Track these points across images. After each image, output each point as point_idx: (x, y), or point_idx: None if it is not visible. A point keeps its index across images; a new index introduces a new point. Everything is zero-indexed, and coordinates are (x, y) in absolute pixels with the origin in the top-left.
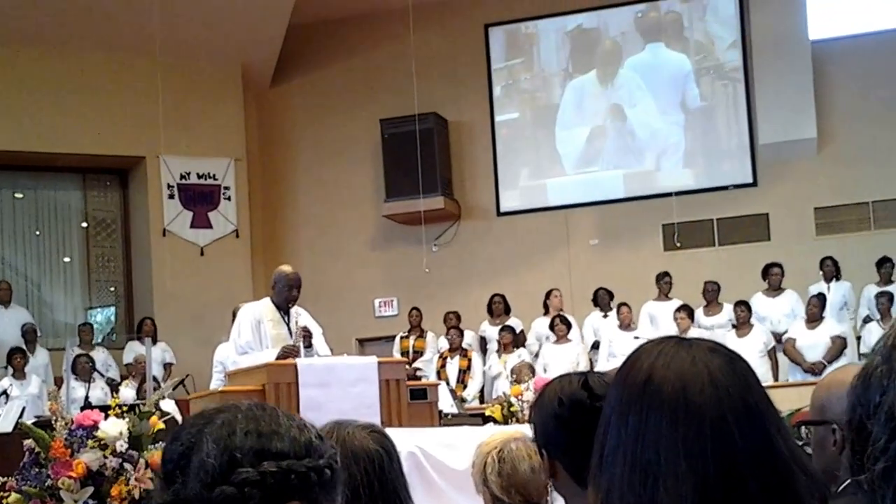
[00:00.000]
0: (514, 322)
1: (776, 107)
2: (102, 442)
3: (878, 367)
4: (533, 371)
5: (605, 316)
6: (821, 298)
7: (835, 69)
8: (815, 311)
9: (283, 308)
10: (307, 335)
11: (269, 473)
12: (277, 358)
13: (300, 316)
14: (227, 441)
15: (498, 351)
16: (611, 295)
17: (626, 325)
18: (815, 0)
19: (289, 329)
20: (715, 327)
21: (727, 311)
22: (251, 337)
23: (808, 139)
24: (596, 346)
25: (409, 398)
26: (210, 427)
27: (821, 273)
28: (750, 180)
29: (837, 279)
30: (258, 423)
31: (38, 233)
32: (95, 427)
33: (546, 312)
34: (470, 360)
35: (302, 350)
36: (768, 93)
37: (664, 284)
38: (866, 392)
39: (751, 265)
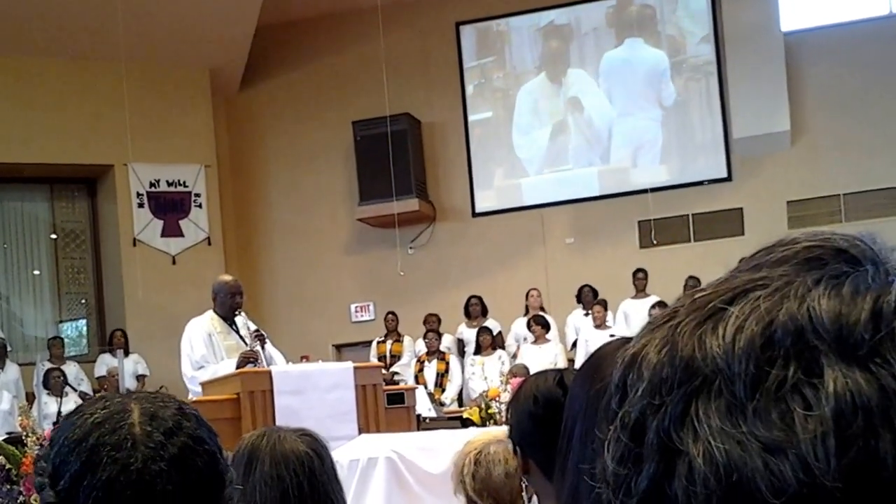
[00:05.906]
0: (491, 323)
1: (750, 100)
2: None
3: None
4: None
5: (587, 314)
6: None
7: (807, 61)
8: None
9: (229, 318)
10: (261, 337)
11: None
12: (238, 365)
13: (247, 322)
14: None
15: (476, 353)
16: (595, 293)
17: (600, 323)
18: None
19: (240, 337)
20: None
21: None
22: (205, 350)
23: (781, 132)
24: (577, 344)
25: (387, 403)
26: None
27: None
28: (724, 175)
29: None
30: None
31: (5, 245)
32: None
33: (527, 313)
34: (448, 363)
35: (261, 353)
36: (741, 86)
37: (640, 281)
38: None
39: (726, 260)
